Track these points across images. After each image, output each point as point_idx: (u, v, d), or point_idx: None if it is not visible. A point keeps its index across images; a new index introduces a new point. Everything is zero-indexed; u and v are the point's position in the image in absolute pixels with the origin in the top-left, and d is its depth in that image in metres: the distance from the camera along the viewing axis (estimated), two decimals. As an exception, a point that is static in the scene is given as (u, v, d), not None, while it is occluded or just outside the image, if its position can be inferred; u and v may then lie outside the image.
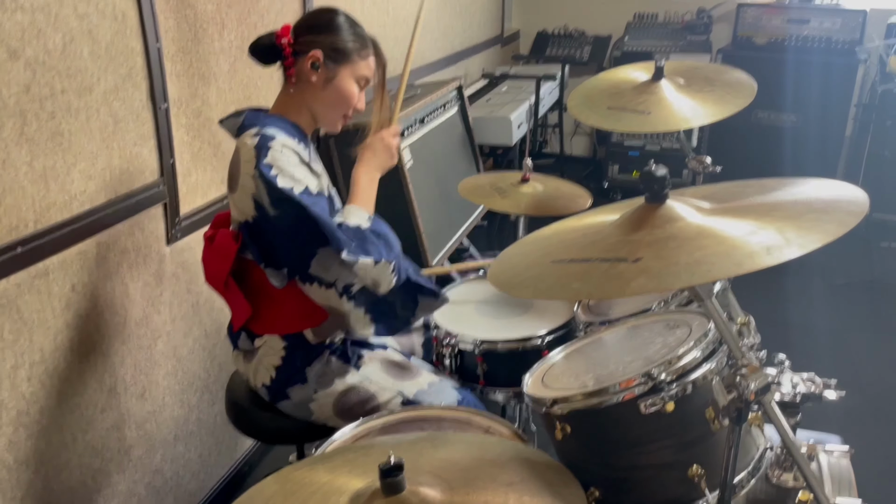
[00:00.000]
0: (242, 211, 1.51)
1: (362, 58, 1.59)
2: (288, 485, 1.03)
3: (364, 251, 1.48)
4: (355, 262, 1.46)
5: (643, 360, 1.19)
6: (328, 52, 1.55)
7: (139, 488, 1.93)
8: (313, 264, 1.48)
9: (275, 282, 1.55)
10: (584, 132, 5.19)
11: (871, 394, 2.74)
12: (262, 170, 1.45)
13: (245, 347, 1.66)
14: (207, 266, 1.65)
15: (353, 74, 1.58)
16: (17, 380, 1.53)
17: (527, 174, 2.02)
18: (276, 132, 1.51)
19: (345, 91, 1.59)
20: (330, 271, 1.49)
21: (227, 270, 1.58)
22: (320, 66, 1.55)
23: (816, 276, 3.64)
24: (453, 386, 1.68)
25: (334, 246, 1.46)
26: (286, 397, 1.62)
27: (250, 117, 1.55)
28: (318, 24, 1.57)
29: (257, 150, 1.47)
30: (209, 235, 1.63)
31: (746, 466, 1.18)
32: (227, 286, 1.61)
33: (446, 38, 3.90)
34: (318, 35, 1.55)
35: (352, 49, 1.57)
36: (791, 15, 4.24)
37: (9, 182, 1.45)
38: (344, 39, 1.56)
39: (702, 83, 1.84)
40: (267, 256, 1.54)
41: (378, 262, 1.49)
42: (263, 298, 1.60)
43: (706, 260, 0.91)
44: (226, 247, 1.57)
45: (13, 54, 1.43)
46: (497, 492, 0.97)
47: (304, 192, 1.47)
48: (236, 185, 1.51)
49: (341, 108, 1.61)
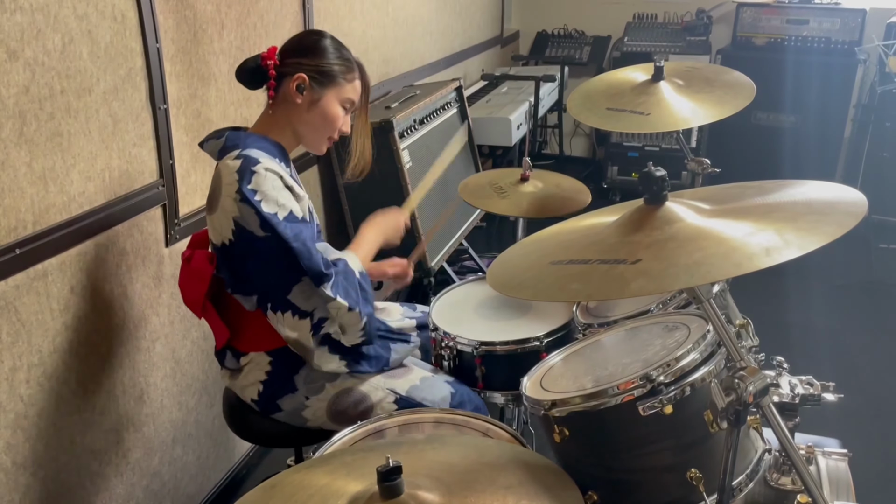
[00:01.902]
0: (220, 233, 1.51)
1: (348, 81, 1.59)
2: (286, 488, 1.03)
3: (345, 294, 1.51)
4: (333, 299, 1.49)
5: (642, 362, 1.19)
6: (314, 75, 1.55)
7: (137, 491, 1.93)
8: (295, 290, 1.50)
9: (246, 306, 1.56)
10: (584, 133, 5.20)
11: (870, 396, 2.74)
12: (245, 194, 1.45)
13: (231, 366, 1.66)
14: (184, 289, 1.65)
15: (338, 97, 1.59)
16: (15, 382, 1.53)
17: (526, 172, 2.01)
18: (259, 154, 1.50)
19: (330, 114, 1.59)
20: (309, 301, 1.51)
21: (204, 294, 1.58)
22: (306, 89, 1.55)
23: (815, 278, 3.63)
24: (446, 380, 1.68)
25: (314, 280, 1.48)
26: (278, 409, 1.62)
27: (231, 138, 1.55)
28: (304, 46, 1.58)
29: (240, 173, 1.46)
30: (186, 256, 1.63)
31: (745, 469, 1.18)
32: (205, 310, 1.61)
33: (446, 39, 3.90)
34: (304, 57, 1.56)
35: (337, 72, 1.57)
36: (790, 15, 4.24)
37: (8, 183, 1.45)
38: (330, 62, 1.56)
39: (701, 84, 1.84)
40: (238, 281, 1.54)
41: (352, 310, 1.51)
42: (246, 316, 1.60)
43: (705, 261, 0.91)
44: (202, 270, 1.57)
45: (12, 55, 1.43)
46: (495, 495, 0.97)
47: (288, 217, 1.47)
48: (216, 206, 1.50)
49: (326, 131, 1.61)
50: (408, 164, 2.65)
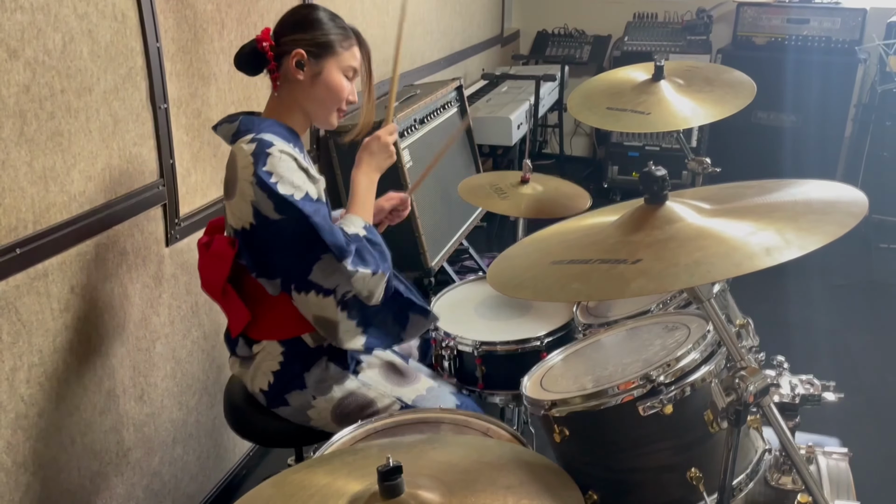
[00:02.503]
0: (240, 218, 1.51)
1: (345, 48, 1.57)
2: (286, 488, 1.03)
3: (363, 261, 1.49)
4: (355, 273, 1.47)
5: (642, 362, 1.19)
6: (311, 49, 1.54)
7: (137, 491, 1.93)
8: (315, 270, 1.48)
9: (269, 289, 1.55)
10: (584, 132, 5.19)
11: (870, 396, 2.74)
12: (261, 176, 1.44)
13: (243, 354, 1.65)
14: (204, 273, 1.64)
15: (338, 66, 1.57)
16: (15, 382, 1.53)
17: (526, 174, 2.01)
18: (273, 137, 1.50)
19: (334, 84, 1.57)
20: (331, 278, 1.49)
21: (225, 277, 1.57)
22: (305, 64, 1.54)
23: (815, 278, 3.63)
24: (451, 391, 1.68)
25: (337, 255, 1.46)
26: (285, 403, 1.62)
27: (245, 122, 1.54)
28: (297, 21, 1.56)
29: (255, 156, 1.46)
30: (204, 242, 1.62)
31: (745, 469, 1.18)
32: (225, 293, 1.60)
33: (446, 39, 3.89)
34: (299, 32, 1.54)
35: (334, 41, 1.55)
36: (791, 14, 4.24)
37: (8, 183, 1.45)
38: (325, 33, 1.55)
39: (701, 83, 1.84)
40: (260, 265, 1.53)
41: (375, 274, 1.50)
42: (261, 304, 1.60)
43: (706, 261, 0.91)
44: (223, 253, 1.56)
45: (13, 54, 1.43)
46: (496, 495, 0.97)
47: (305, 198, 1.47)
48: (234, 192, 1.50)
49: (333, 103, 1.59)
50: (408, 163, 2.65)
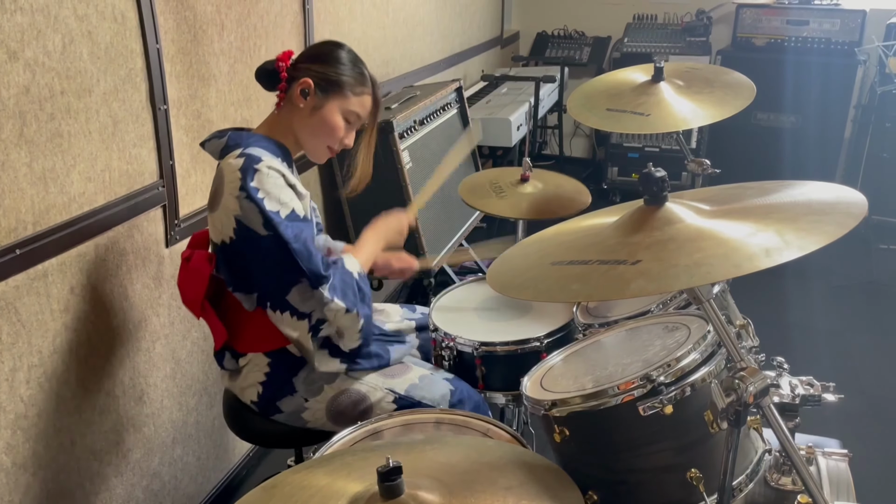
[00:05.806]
0: (220, 231, 1.51)
1: (356, 94, 1.59)
2: (286, 488, 1.03)
3: (342, 295, 1.51)
4: (331, 301, 1.49)
5: (642, 362, 1.19)
6: (319, 82, 1.56)
7: (137, 492, 1.93)
8: (293, 291, 1.50)
9: (246, 305, 1.56)
10: (584, 134, 5.20)
11: (870, 397, 2.74)
12: (249, 191, 1.45)
13: (230, 367, 1.66)
14: (183, 289, 1.65)
15: (341, 108, 1.59)
16: (15, 382, 1.53)
17: (526, 173, 2.01)
18: (261, 152, 1.51)
19: (330, 122, 1.58)
20: (307, 303, 1.51)
21: (202, 294, 1.58)
22: (309, 94, 1.56)
23: (815, 279, 3.63)
24: (445, 377, 1.68)
25: (312, 282, 1.48)
26: (278, 410, 1.62)
27: (233, 138, 1.55)
28: (317, 53, 1.60)
29: (243, 171, 1.47)
30: (186, 256, 1.63)
31: (745, 470, 1.18)
32: (204, 309, 1.61)
33: (446, 40, 3.90)
34: (315, 63, 1.57)
35: (345, 82, 1.57)
36: (790, 16, 4.24)
37: (8, 184, 1.45)
38: (339, 72, 1.57)
39: (701, 84, 1.84)
40: (238, 280, 1.54)
41: (349, 312, 1.51)
42: (244, 317, 1.60)
43: (705, 262, 0.91)
44: (200, 270, 1.57)
45: (13, 55, 1.43)
46: (496, 495, 0.97)
47: (291, 216, 1.48)
48: (217, 205, 1.51)
49: (325, 139, 1.61)
50: (408, 164, 2.66)
